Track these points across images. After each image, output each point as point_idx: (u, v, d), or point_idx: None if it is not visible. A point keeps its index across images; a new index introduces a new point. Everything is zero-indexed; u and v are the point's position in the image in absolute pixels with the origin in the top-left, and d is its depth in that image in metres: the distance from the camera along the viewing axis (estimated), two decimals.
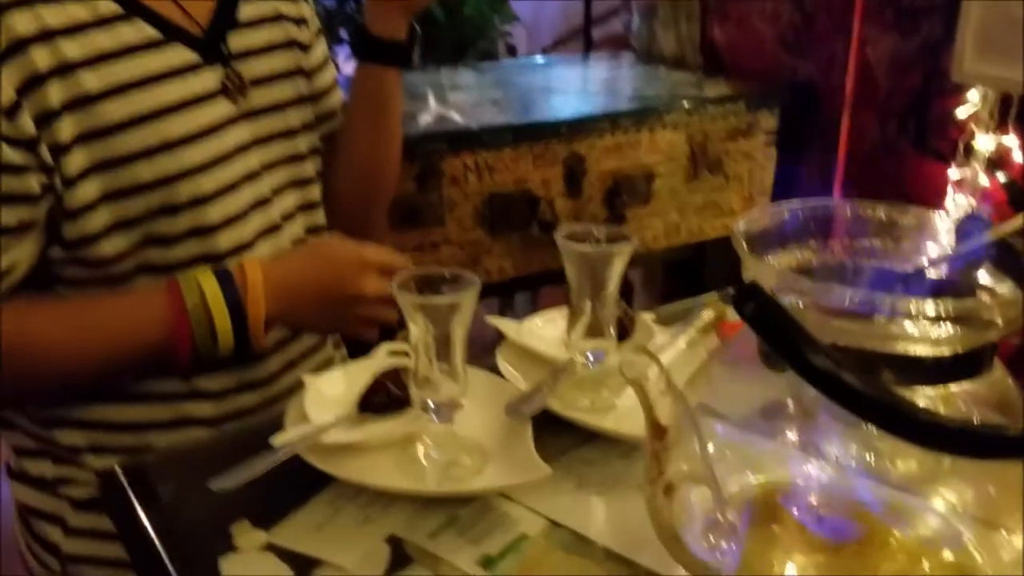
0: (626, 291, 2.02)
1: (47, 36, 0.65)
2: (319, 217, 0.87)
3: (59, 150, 0.66)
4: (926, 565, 0.51)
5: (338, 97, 0.91)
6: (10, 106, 0.64)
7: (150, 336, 0.69)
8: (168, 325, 0.68)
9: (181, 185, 0.71)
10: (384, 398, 0.62)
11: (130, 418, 0.75)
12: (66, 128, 0.66)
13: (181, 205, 0.72)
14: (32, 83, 0.65)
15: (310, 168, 0.85)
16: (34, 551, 0.81)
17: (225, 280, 0.70)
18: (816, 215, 0.51)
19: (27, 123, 0.65)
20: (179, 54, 0.72)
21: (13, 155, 0.65)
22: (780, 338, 0.41)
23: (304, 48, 0.85)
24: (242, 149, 0.76)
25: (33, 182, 0.66)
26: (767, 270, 0.45)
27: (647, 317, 0.77)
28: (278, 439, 0.56)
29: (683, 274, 1.74)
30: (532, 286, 1.82)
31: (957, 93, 1.36)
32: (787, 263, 0.49)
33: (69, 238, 0.69)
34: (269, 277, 0.71)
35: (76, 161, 0.67)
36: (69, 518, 0.77)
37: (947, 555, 0.51)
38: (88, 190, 0.68)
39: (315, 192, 0.86)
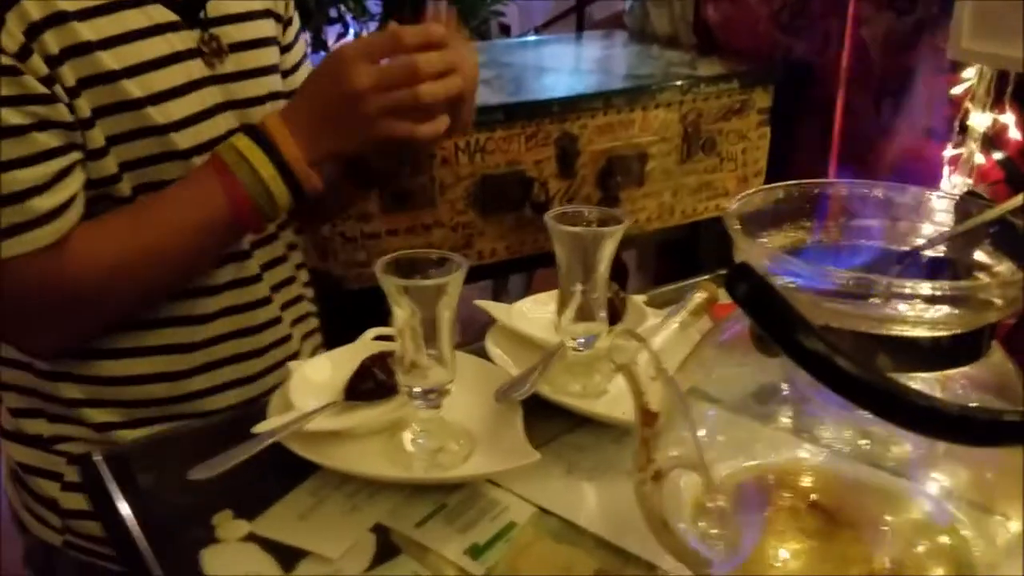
0: (620, 273, 2.01)
1: None
2: None
3: (68, 92, 0.68)
4: (921, 550, 0.50)
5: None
6: (20, 49, 0.65)
7: (210, 209, 0.71)
8: (221, 189, 0.70)
9: (167, 137, 0.72)
10: (371, 384, 0.60)
11: (130, 371, 0.76)
12: (68, 73, 0.67)
13: (175, 153, 0.73)
14: (32, 31, 0.66)
15: None
16: (32, 509, 0.81)
17: (253, 132, 0.72)
18: (810, 195, 0.50)
19: (40, 64, 0.66)
20: (160, 12, 0.73)
21: (40, 87, 0.66)
22: (772, 320, 0.40)
23: (280, 20, 0.85)
24: (219, 110, 0.77)
25: (63, 110, 0.67)
26: (759, 251, 0.43)
27: (639, 300, 0.76)
28: (260, 427, 0.55)
29: (677, 255, 1.73)
30: (526, 268, 1.80)
31: (953, 71, 1.35)
32: (781, 244, 0.48)
33: (91, 178, 0.71)
34: (286, 117, 0.72)
35: (83, 105, 0.68)
36: (66, 473, 0.77)
37: (942, 539, 0.50)
38: (96, 134, 0.70)
39: None
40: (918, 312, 0.42)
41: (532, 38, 2.12)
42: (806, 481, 0.54)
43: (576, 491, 0.58)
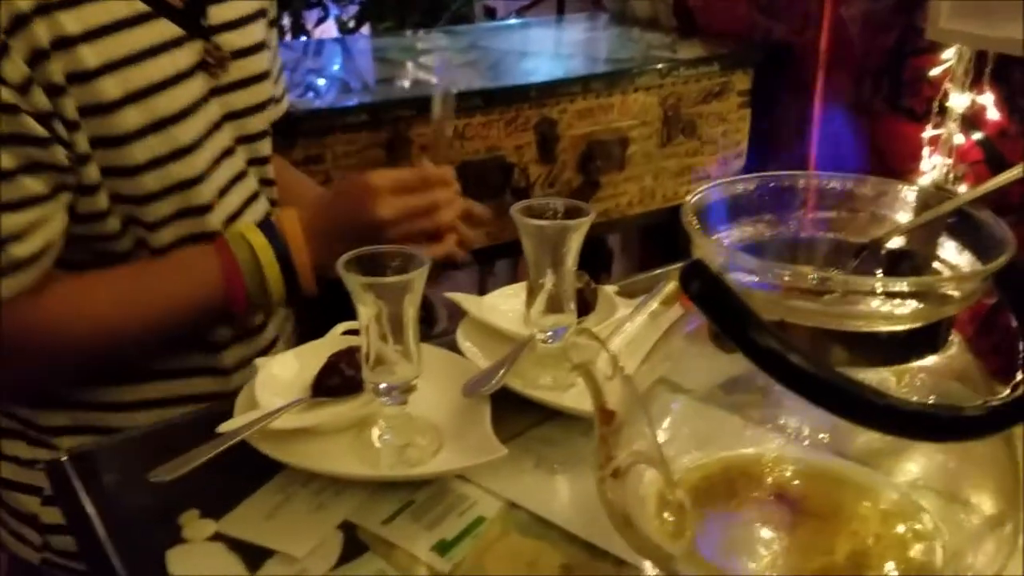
0: (605, 257, 2.01)
1: (45, 9, 0.64)
2: (274, 193, 0.86)
3: (68, 126, 0.66)
4: (886, 539, 0.50)
5: (282, 83, 0.92)
6: (24, 81, 0.63)
7: (206, 294, 0.72)
8: (222, 281, 0.72)
9: (172, 166, 0.71)
10: (337, 380, 0.60)
11: (116, 398, 0.76)
12: (69, 105, 0.66)
13: (173, 186, 0.72)
14: (37, 57, 0.64)
15: (267, 147, 0.84)
16: (10, 526, 0.81)
17: (269, 231, 0.74)
18: (770, 188, 0.49)
19: (41, 97, 0.64)
20: (165, 28, 0.71)
21: (39, 128, 0.64)
22: (725, 317, 0.39)
23: (269, 20, 0.84)
24: (218, 125, 0.76)
25: (59, 154, 0.66)
26: (714, 247, 0.43)
27: (610, 290, 0.76)
28: (225, 426, 0.55)
29: (660, 239, 1.73)
30: (509, 254, 1.80)
31: (932, 52, 1.35)
32: (740, 238, 0.48)
33: (80, 212, 0.70)
34: (305, 223, 0.75)
35: (81, 140, 0.67)
36: (46, 488, 0.77)
37: (907, 528, 0.51)
38: (91, 171, 0.68)
39: (270, 170, 0.85)
40: (876, 307, 0.42)
41: (513, 21, 2.10)
42: (772, 472, 0.54)
43: (545, 485, 0.58)
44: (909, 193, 0.49)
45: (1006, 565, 0.45)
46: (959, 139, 1.36)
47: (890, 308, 0.42)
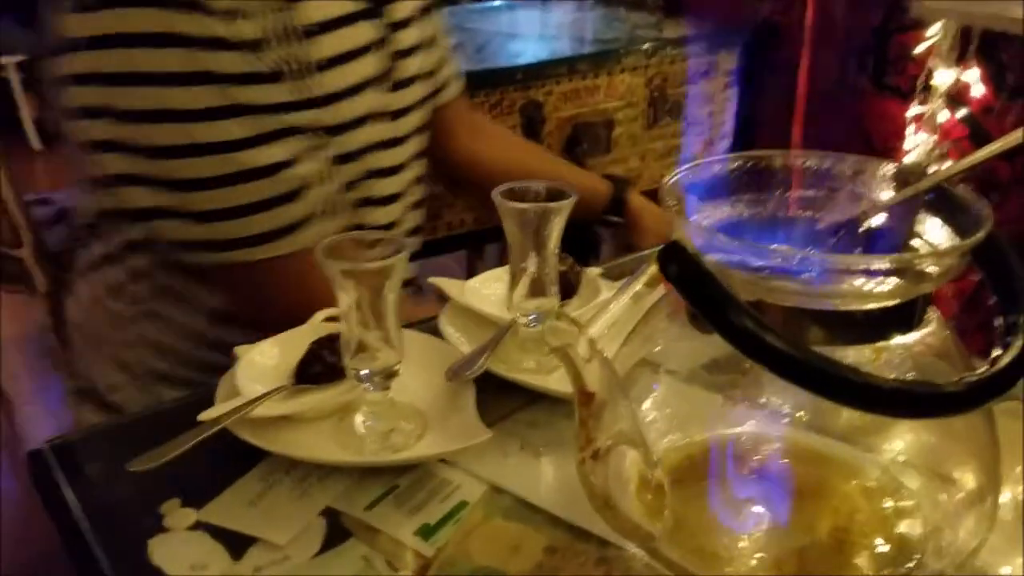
0: (593, 239, 2.01)
1: None
2: None
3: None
4: (869, 516, 0.51)
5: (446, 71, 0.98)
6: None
7: None
8: None
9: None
10: (319, 367, 0.60)
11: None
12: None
13: None
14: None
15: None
16: None
17: None
18: (749, 167, 0.49)
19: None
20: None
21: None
22: (703, 299, 0.39)
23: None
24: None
25: None
26: (692, 228, 0.43)
27: (593, 272, 0.76)
28: (206, 414, 0.55)
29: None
30: (496, 238, 1.80)
31: (917, 29, 1.34)
32: (719, 218, 0.48)
33: None
34: None
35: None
36: None
37: (889, 505, 0.51)
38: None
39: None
40: (853, 286, 0.42)
41: (498, 2, 2.09)
42: (754, 451, 0.54)
43: (529, 468, 0.58)
44: (888, 171, 0.49)
45: (986, 539, 0.45)
46: (944, 116, 1.36)
47: (869, 286, 0.42)
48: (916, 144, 1.37)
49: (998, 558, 0.50)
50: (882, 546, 0.48)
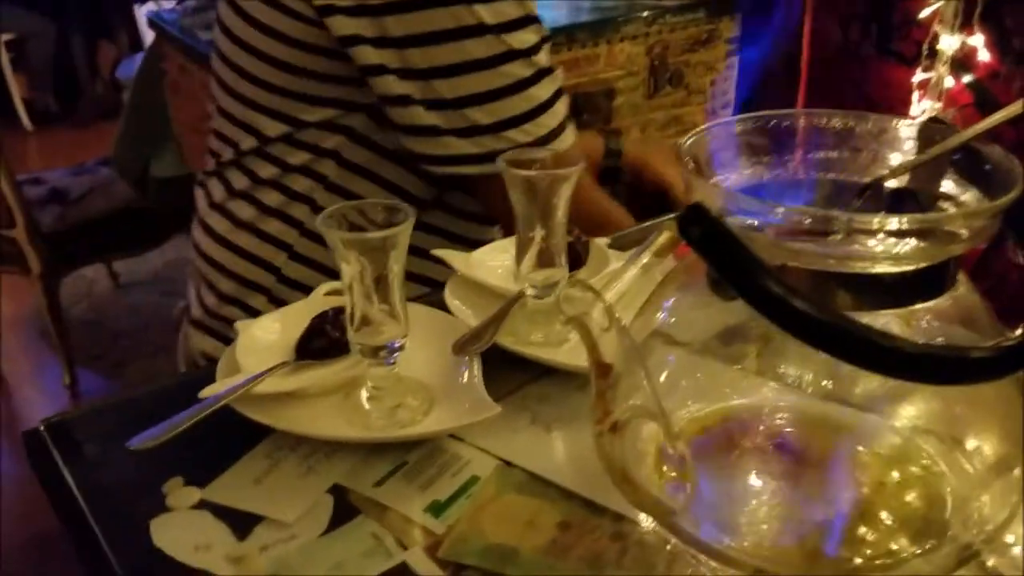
0: None
1: None
2: None
3: None
4: (891, 486, 0.49)
5: None
6: None
7: None
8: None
9: None
10: (323, 342, 0.58)
11: None
12: None
13: None
14: None
15: None
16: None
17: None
18: (768, 127, 0.47)
19: None
20: None
21: None
22: (726, 263, 0.38)
23: None
24: None
25: None
26: (713, 191, 0.41)
27: (601, 243, 0.74)
28: (207, 391, 0.53)
29: (649, 193, 1.70)
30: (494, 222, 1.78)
31: None
32: (738, 181, 0.46)
33: None
34: None
35: None
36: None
37: (911, 474, 0.50)
38: None
39: None
40: (881, 247, 0.40)
41: None
42: (772, 421, 0.53)
43: (540, 442, 0.57)
44: (911, 130, 0.47)
45: (1017, 512, 0.44)
46: (949, 82, 1.34)
47: (895, 248, 0.40)
48: (921, 111, 1.35)
49: None
50: (908, 517, 0.47)
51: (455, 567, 0.47)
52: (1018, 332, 0.38)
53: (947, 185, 0.45)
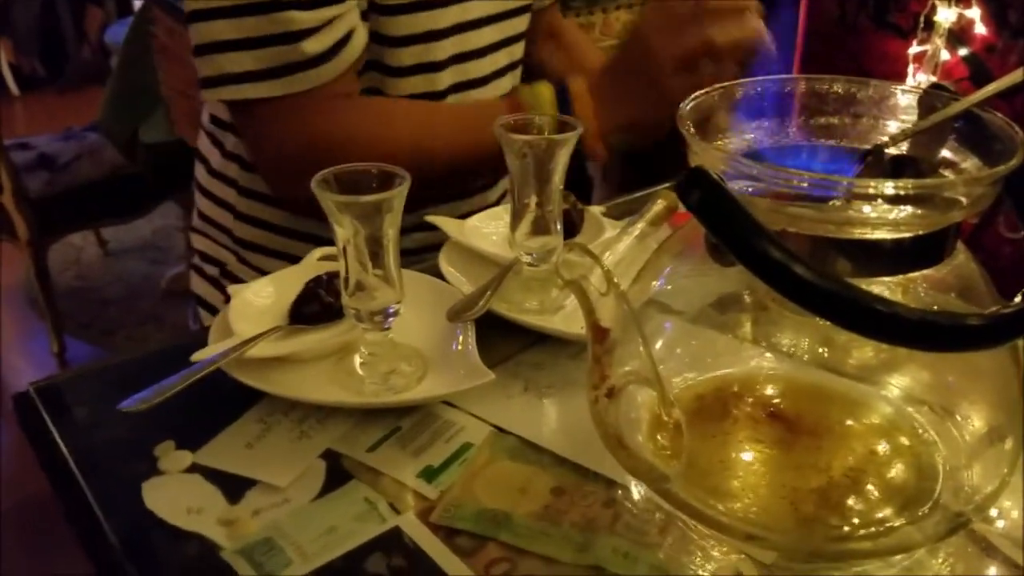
0: (585, 184, 1.97)
1: None
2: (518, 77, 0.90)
3: None
4: (883, 455, 0.50)
5: None
6: None
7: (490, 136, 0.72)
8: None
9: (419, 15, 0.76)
10: (316, 307, 0.58)
11: None
12: None
13: (415, 35, 0.77)
14: None
15: (523, 23, 0.87)
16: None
17: (561, 95, 0.74)
18: (768, 92, 0.47)
19: None
20: None
21: None
22: (726, 228, 0.37)
23: None
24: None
25: None
26: (714, 154, 0.41)
27: (596, 211, 0.74)
28: (199, 355, 0.53)
29: (643, 166, 1.69)
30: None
31: None
32: (738, 146, 0.46)
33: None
34: (592, 89, 0.74)
35: None
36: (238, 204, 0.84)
37: (903, 444, 0.50)
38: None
39: (520, 50, 0.89)
40: (880, 213, 0.40)
41: None
42: (766, 390, 0.53)
43: (534, 409, 0.57)
44: (912, 97, 0.47)
45: (1008, 481, 0.44)
46: (945, 55, 1.33)
47: (894, 214, 0.40)
48: (917, 84, 1.35)
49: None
50: (900, 486, 0.47)
51: (448, 531, 0.47)
52: (1017, 299, 0.38)
53: (948, 152, 0.45)
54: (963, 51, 1.32)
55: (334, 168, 0.51)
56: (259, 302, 0.59)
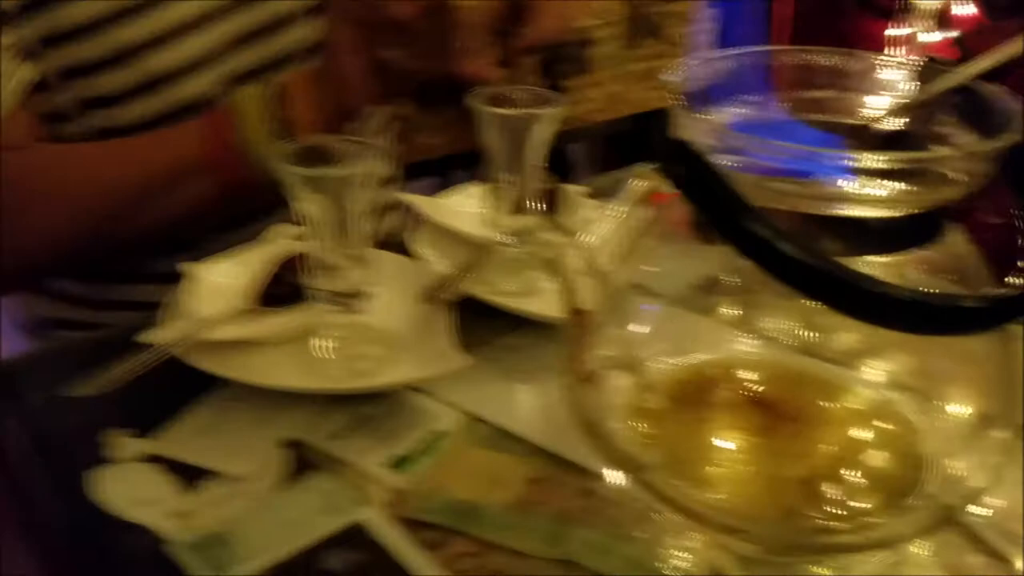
0: (566, 168, 1.96)
1: None
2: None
3: None
4: (865, 441, 0.48)
5: None
6: None
7: (188, 140, 0.65)
8: (205, 123, 0.65)
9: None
10: (281, 287, 0.55)
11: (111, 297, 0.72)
12: None
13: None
14: None
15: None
16: None
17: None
18: (756, 65, 0.44)
19: None
20: None
21: None
22: (711, 203, 0.35)
23: None
24: None
25: None
26: (702, 126, 0.38)
27: (577, 190, 0.72)
28: (153, 336, 0.50)
29: (625, 148, 1.68)
30: (469, 164, 1.74)
31: None
32: (723, 119, 0.43)
33: None
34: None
35: None
36: None
37: (887, 429, 0.48)
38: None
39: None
40: (871, 189, 0.38)
41: None
42: (748, 375, 0.51)
43: (511, 396, 0.54)
44: (905, 69, 0.45)
45: (999, 470, 0.43)
46: (930, 37, 1.31)
47: (887, 191, 0.38)
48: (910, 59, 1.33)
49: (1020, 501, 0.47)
50: (885, 476, 0.46)
51: (414, 525, 0.45)
52: (1017, 282, 0.36)
53: (943, 128, 0.42)
54: (949, 33, 1.30)
55: (295, 142, 0.49)
56: (217, 281, 0.56)
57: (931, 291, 0.38)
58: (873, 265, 0.41)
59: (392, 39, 0.64)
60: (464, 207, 0.68)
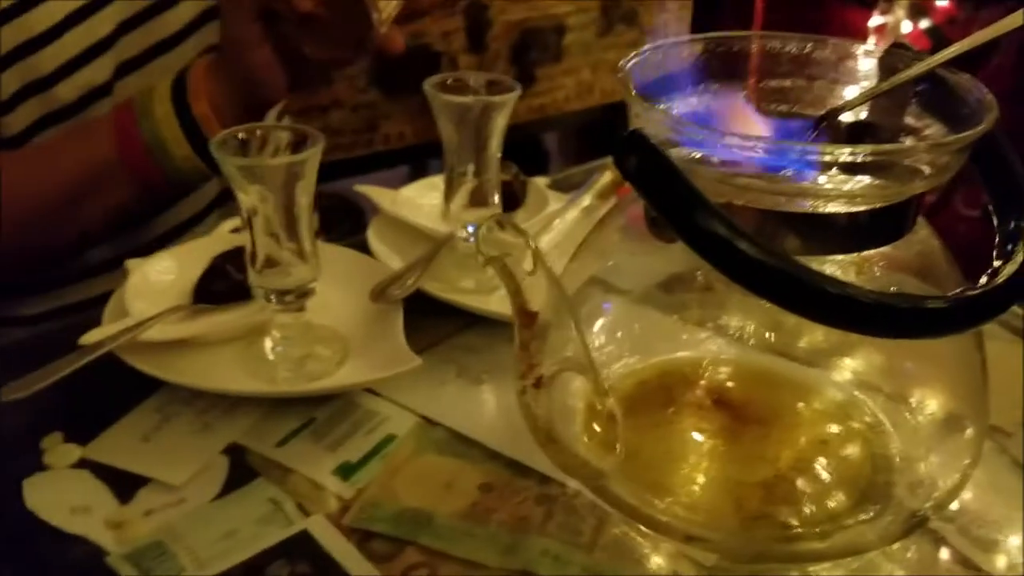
0: (540, 158, 1.93)
1: None
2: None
3: None
4: (835, 445, 0.46)
5: None
6: None
7: (97, 145, 0.63)
8: (114, 129, 0.63)
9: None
10: (224, 284, 0.53)
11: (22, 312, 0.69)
12: None
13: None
14: None
15: None
16: None
17: (179, 76, 0.64)
18: (717, 52, 0.42)
19: None
20: None
21: None
22: (666, 198, 0.33)
23: None
24: None
25: None
26: (657, 117, 0.36)
27: (541, 182, 0.69)
28: (88, 337, 0.47)
29: (600, 138, 1.66)
30: (438, 153, 1.71)
31: None
32: (683, 109, 0.41)
33: None
34: (211, 62, 0.64)
35: None
36: None
37: (854, 430, 0.47)
38: None
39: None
40: (835, 184, 0.36)
41: None
42: (712, 376, 0.49)
43: (465, 398, 0.52)
44: (872, 58, 0.43)
45: (969, 474, 0.41)
46: (907, 27, 1.30)
47: (850, 184, 0.36)
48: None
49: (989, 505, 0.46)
50: (852, 480, 0.44)
51: (363, 535, 0.43)
52: (983, 280, 0.35)
53: (910, 119, 0.41)
54: (925, 23, 1.29)
55: (234, 129, 0.46)
56: (160, 279, 0.53)
57: (895, 292, 0.36)
58: (837, 264, 0.39)
59: (295, 29, 0.61)
60: (424, 199, 0.66)
